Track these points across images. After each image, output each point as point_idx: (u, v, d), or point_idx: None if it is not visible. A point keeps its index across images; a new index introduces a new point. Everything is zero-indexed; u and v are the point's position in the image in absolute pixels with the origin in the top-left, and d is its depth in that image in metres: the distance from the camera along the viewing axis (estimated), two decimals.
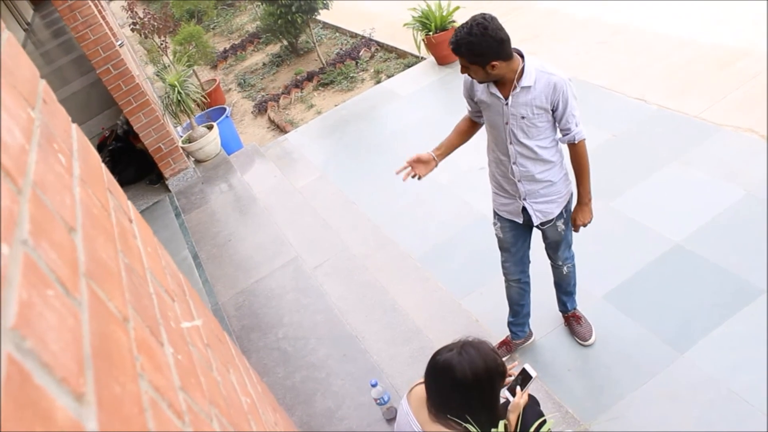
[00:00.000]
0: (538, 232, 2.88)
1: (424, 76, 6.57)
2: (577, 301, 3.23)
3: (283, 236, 4.60)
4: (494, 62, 2.34)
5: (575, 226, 2.82)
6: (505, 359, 3.22)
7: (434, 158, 2.72)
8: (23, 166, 0.56)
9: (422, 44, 6.63)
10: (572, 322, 3.25)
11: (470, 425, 1.79)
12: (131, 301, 0.67)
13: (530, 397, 2.16)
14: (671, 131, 4.47)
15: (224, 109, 6.75)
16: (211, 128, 6.06)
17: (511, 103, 2.47)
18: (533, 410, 2.12)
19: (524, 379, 2.16)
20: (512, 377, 2.18)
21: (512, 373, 2.22)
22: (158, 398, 0.58)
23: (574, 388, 3.05)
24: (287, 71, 8.46)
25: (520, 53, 2.44)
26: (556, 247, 2.92)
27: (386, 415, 2.97)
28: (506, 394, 2.13)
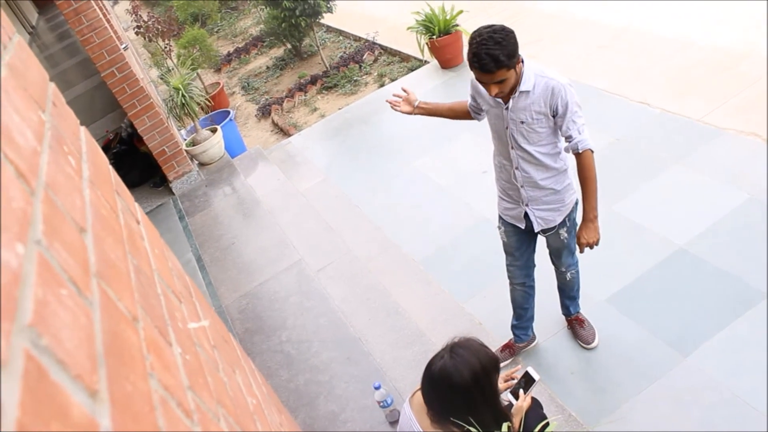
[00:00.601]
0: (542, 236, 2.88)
1: (427, 79, 6.59)
2: (580, 304, 3.23)
3: (286, 239, 4.60)
4: (518, 59, 2.33)
5: (579, 246, 2.71)
6: (508, 362, 3.24)
7: (416, 107, 2.82)
8: (36, 167, 0.57)
9: (425, 48, 6.65)
10: (575, 325, 3.25)
11: (473, 428, 1.79)
12: (140, 301, 0.68)
13: (533, 400, 2.16)
14: (673, 135, 4.47)
15: (228, 112, 6.77)
16: (214, 131, 6.07)
17: (511, 107, 2.47)
18: (536, 413, 2.13)
19: (527, 382, 2.16)
20: (515, 380, 2.19)
21: (515, 376, 2.22)
22: (168, 397, 0.59)
23: (576, 390, 3.05)
24: (291, 75, 8.48)
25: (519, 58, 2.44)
26: (558, 254, 2.92)
27: (389, 417, 2.97)
28: (509, 397, 2.13)
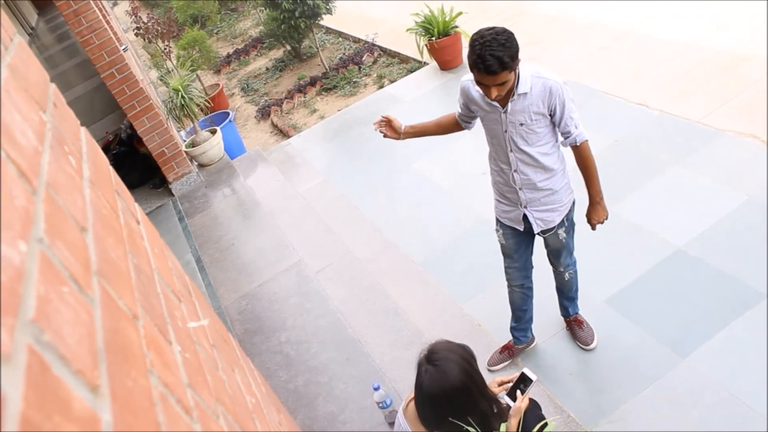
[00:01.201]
0: (540, 237, 2.89)
1: (426, 81, 6.60)
2: (579, 305, 3.24)
3: (285, 240, 4.61)
4: (518, 60, 2.33)
5: (591, 224, 2.80)
6: (507, 364, 3.25)
7: (402, 132, 2.82)
8: (37, 167, 0.58)
9: (425, 49, 6.66)
10: (574, 326, 3.25)
11: (472, 428, 1.80)
12: (140, 299, 0.69)
13: (531, 400, 2.16)
14: (673, 136, 4.48)
15: (227, 113, 6.78)
16: (214, 132, 6.08)
17: (509, 110, 2.47)
18: (534, 414, 2.13)
19: (524, 382, 2.16)
20: (511, 382, 2.19)
21: (511, 378, 2.22)
22: (167, 394, 0.60)
23: (575, 391, 3.06)
24: (290, 76, 8.50)
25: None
26: (557, 254, 2.93)
27: (388, 418, 2.97)
28: (506, 399, 2.14)
